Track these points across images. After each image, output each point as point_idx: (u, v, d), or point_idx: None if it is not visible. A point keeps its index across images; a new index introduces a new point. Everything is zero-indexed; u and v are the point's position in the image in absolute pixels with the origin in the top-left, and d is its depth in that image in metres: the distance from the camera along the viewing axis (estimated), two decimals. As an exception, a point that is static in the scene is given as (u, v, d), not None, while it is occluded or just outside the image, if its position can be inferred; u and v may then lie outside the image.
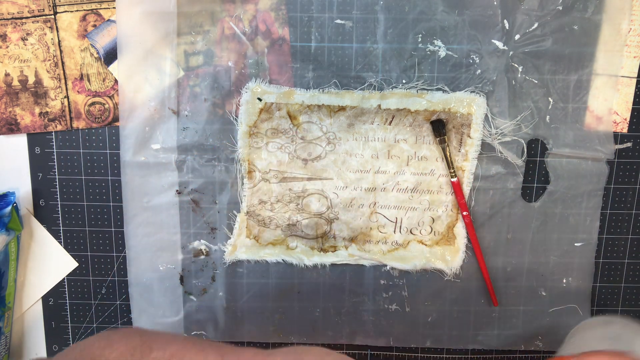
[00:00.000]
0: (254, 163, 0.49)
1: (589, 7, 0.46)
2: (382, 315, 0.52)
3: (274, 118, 0.48)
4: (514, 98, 0.48)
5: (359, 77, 0.48)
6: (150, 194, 0.49)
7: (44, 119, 0.49)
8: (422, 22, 0.47)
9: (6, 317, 0.50)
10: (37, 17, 0.47)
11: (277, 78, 0.48)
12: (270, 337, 0.53)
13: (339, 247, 0.51)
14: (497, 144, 0.48)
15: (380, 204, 0.50)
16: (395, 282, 0.52)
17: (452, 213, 0.50)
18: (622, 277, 0.52)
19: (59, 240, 0.51)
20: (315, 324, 0.52)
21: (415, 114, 0.48)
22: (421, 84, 0.48)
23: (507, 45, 0.47)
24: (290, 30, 0.47)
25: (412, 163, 0.49)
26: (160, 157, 0.49)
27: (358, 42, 0.47)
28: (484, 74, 0.47)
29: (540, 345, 0.52)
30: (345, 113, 0.48)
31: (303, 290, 0.52)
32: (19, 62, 0.48)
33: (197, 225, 0.50)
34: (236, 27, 0.47)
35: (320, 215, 0.50)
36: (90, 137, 0.49)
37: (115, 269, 0.52)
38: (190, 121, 0.48)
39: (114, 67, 0.48)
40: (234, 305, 0.52)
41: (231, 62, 0.48)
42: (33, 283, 0.52)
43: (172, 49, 0.47)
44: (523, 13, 0.46)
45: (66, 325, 0.53)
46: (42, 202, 0.51)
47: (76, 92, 0.48)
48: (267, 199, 0.50)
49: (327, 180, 0.49)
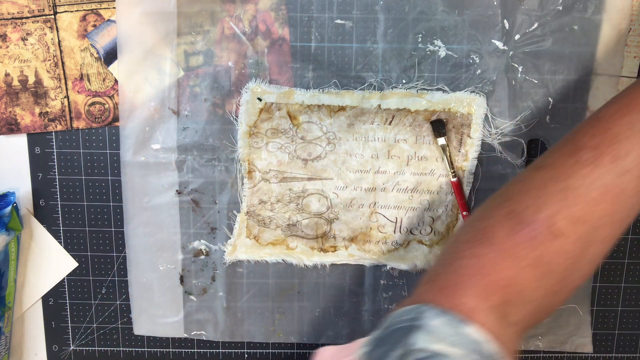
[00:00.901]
0: (254, 163, 0.49)
1: (589, 7, 0.46)
2: (382, 315, 0.52)
3: (274, 118, 0.48)
4: (514, 98, 0.48)
5: (359, 77, 0.48)
6: (150, 194, 0.49)
7: (44, 119, 0.49)
8: (422, 22, 0.47)
9: (6, 317, 0.50)
10: (37, 17, 0.47)
11: (277, 78, 0.48)
12: (270, 337, 0.53)
13: (339, 247, 0.51)
14: (497, 144, 0.48)
15: (380, 204, 0.50)
16: (395, 282, 0.52)
17: (452, 213, 0.50)
18: (622, 277, 0.52)
19: (59, 240, 0.51)
20: (315, 324, 0.52)
21: (415, 114, 0.48)
22: (421, 84, 0.48)
23: (507, 45, 0.47)
24: (290, 30, 0.47)
25: (412, 163, 0.49)
26: (160, 157, 0.49)
27: (358, 42, 0.47)
28: (484, 74, 0.47)
29: (540, 345, 0.52)
30: (345, 113, 0.48)
31: (303, 290, 0.52)
32: (19, 62, 0.48)
33: (197, 225, 0.50)
34: (236, 27, 0.47)
35: (320, 215, 0.50)
36: (90, 137, 0.49)
37: (115, 269, 0.52)
38: (190, 121, 0.48)
39: (114, 67, 0.48)
40: (234, 305, 0.52)
41: (231, 62, 0.48)
42: (33, 283, 0.52)
43: (172, 49, 0.47)
44: (523, 13, 0.46)
45: (66, 325, 0.53)
46: (42, 202, 0.51)
47: (76, 92, 0.48)
48: (267, 199, 0.50)
49: (327, 180, 0.49)
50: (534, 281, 0.32)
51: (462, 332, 0.30)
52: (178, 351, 0.53)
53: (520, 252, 0.32)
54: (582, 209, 0.32)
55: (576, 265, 0.33)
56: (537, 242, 0.32)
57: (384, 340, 0.32)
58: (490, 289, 0.32)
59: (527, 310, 0.33)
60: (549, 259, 0.32)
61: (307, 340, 0.53)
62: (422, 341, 0.29)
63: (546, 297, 0.33)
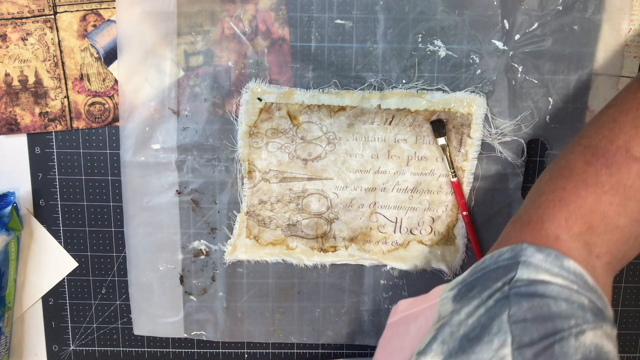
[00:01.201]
0: (254, 163, 0.49)
1: (589, 7, 0.46)
2: (382, 315, 0.52)
3: (274, 118, 0.48)
4: (514, 98, 0.48)
5: (359, 77, 0.48)
6: (150, 194, 0.49)
7: (44, 119, 0.49)
8: (422, 22, 0.47)
9: (6, 317, 0.50)
10: (37, 17, 0.47)
11: (277, 78, 0.48)
12: (270, 337, 0.53)
13: (339, 247, 0.51)
14: (497, 144, 0.48)
15: (380, 204, 0.50)
16: (395, 282, 0.52)
17: (452, 213, 0.50)
18: (622, 277, 0.52)
19: (59, 240, 0.51)
20: (315, 324, 0.52)
21: (415, 114, 0.48)
22: (421, 84, 0.48)
23: (507, 45, 0.47)
24: (290, 30, 0.47)
25: (412, 163, 0.49)
26: (160, 157, 0.49)
27: (358, 42, 0.47)
28: (484, 74, 0.47)
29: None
30: (345, 113, 0.48)
31: (303, 290, 0.52)
32: (19, 62, 0.48)
33: (197, 225, 0.50)
34: (236, 27, 0.47)
35: (320, 215, 0.50)
36: (90, 137, 0.49)
37: (115, 269, 0.52)
38: (190, 121, 0.48)
39: (114, 67, 0.48)
40: (234, 305, 0.52)
41: (231, 62, 0.48)
42: (33, 283, 0.52)
43: (172, 49, 0.47)
44: (523, 13, 0.46)
45: (66, 325, 0.53)
46: (42, 202, 0.51)
47: (76, 92, 0.48)
48: (267, 199, 0.50)
49: (327, 180, 0.49)
50: (617, 207, 0.32)
51: (563, 265, 0.31)
52: (178, 351, 0.53)
53: (600, 179, 0.33)
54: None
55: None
56: (615, 168, 0.33)
57: (475, 283, 0.33)
58: (572, 216, 0.33)
59: (612, 239, 0.33)
60: (630, 182, 0.32)
61: (307, 340, 0.53)
62: (528, 274, 0.30)
63: (632, 225, 0.33)
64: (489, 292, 0.31)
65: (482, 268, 0.33)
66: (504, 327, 0.29)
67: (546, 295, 0.29)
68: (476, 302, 0.31)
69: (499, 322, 0.29)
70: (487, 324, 0.29)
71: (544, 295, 0.29)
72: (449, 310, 0.33)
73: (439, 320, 0.33)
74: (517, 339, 0.28)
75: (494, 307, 0.30)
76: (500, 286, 0.30)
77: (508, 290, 0.30)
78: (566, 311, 0.29)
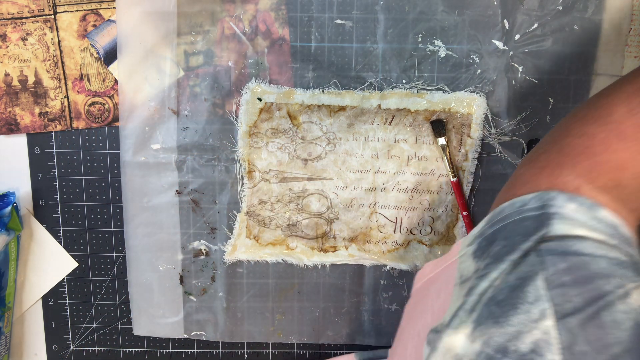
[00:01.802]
0: (254, 163, 0.49)
1: (589, 7, 0.46)
2: (382, 315, 0.52)
3: (274, 118, 0.48)
4: (514, 98, 0.48)
5: (359, 77, 0.48)
6: (150, 194, 0.49)
7: (44, 119, 0.49)
8: (422, 22, 0.47)
9: (6, 317, 0.50)
10: (37, 17, 0.47)
11: (277, 78, 0.48)
12: (270, 337, 0.53)
13: (339, 247, 0.51)
14: (497, 144, 0.48)
15: (380, 204, 0.50)
16: (395, 282, 0.52)
17: (452, 213, 0.50)
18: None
19: (58, 240, 0.51)
20: (315, 324, 0.52)
21: (415, 114, 0.48)
22: (421, 84, 0.48)
23: (507, 45, 0.47)
24: (290, 30, 0.47)
25: (412, 163, 0.49)
26: (160, 157, 0.49)
27: (358, 42, 0.47)
28: (484, 74, 0.47)
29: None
30: (345, 113, 0.48)
31: (303, 290, 0.52)
32: (18, 62, 0.48)
33: (197, 225, 0.50)
34: (236, 27, 0.47)
35: (320, 215, 0.50)
36: (90, 137, 0.49)
37: (115, 269, 0.52)
38: (190, 121, 0.48)
39: (114, 67, 0.48)
40: (234, 305, 0.52)
41: (231, 62, 0.48)
42: (33, 283, 0.52)
43: (172, 49, 0.47)
44: (523, 13, 0.46)
45: (66, 325, 0.53)
46: (42, 202, 0.51)
47: (76, 92, 0.48)
48: (267, 199, 0.50)
49: (327, 180, 0.49)
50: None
51: (597, 215, 0.27)
52: (178, 351, 0.53)
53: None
54: None
55: None
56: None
57: (496, 236, 0.29)
58: (597, 169, 0.29)
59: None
60: None
61: (307, 340, 0.53)
62: (561, 229, 0.27)
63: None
64: (519, 253, 0.27)
65: (502, 218, 0.30)
66: (541, 293, 0.25)
67: (584, 253, 0.26)
68: (505, 266, 0.27)
69: (534, 288, 0.25)
70: (520, 289, 0.26)
71: (581, 253, 0.26)
72: (470, 268, 0.29)
73: (463, 281, 0.29)
74: (559, 308, 0.24)
75: (524, 268, 0.26)
76: (532, 245, 0.27)
77: (541, 249, 0.26)
78: (606, 270, 0.25)
